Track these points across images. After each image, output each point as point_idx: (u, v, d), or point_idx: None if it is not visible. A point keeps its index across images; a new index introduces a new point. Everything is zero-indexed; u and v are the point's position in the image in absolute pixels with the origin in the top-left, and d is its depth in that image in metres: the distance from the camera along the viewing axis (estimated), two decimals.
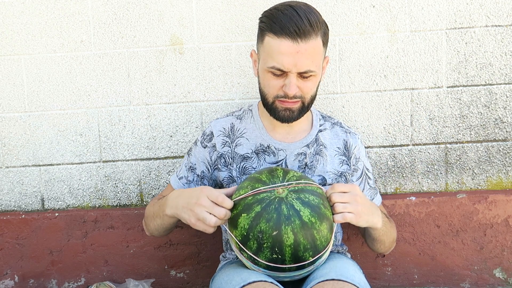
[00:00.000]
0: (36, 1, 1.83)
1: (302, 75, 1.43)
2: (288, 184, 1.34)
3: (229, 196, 1.36)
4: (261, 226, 1.29)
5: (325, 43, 1.46)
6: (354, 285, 1.32)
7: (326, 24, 1.47)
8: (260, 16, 1.48)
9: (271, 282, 1.32)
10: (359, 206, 1.36)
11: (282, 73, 1.43)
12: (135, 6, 1.83)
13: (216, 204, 1.31)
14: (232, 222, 1.34)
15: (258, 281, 1.31)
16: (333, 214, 1.35)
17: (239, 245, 1.34)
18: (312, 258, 1.32)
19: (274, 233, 1.28)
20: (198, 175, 1.62)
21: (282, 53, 1.40)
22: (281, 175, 1.38)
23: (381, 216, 1.50)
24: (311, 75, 1.44)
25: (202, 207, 1.31)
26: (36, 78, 1.87)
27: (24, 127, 1.89)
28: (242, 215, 1.31)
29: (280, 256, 1.29)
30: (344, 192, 1.36)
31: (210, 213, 1.31)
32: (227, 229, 1.37)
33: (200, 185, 1.62)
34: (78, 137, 1.89)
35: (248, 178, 1.41)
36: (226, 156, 1.58)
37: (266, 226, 1.28)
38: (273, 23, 1.41)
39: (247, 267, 1.40)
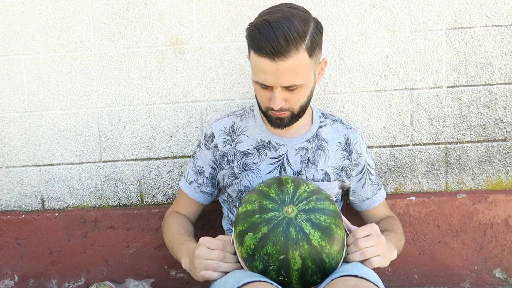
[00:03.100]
0: (36, 1, 1.83)
1: (287, 88, 1.41)
2: (298, 202, 1.29)
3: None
4: (268, 248, 1.25)
5: (313, 52, 1.40)
6: (377, 286, 1.28)
7: (317, 27, 1.41)
8: (246, 28, 1.44)
9: (265, 281, 1.29)
10: (384, 247, 1.36)
11: (267, 87, 1.42)
12: (135, 6, 1.83)
13: (213, 249, 1.33)
14: (238, 238, 1.30)
15: (252, 282, 1.27)
16: (363, 260, 1.34)
17: (245, 262, 1.31)
18: (321, 280, 1.28)
19: (281, 257, 1.24)
20: (207, 177, 1.64)
21: (263, 71, 1.38)
22: (291, 190, 1.32)
23: (394, 245, 1.50)
24: (297, 87, 1.41)
25: (199, 257, 1.33)
26: (36, 78, 1.87)
27: (24, 127, 1.89)
28: (248, 233, 1.27)
29: (286, 279, 1.26)
30: (367, 235, 1.35)
31: (210, 259, 1.32)
32: (234, 243, 1.34)
33: (211, 186, 1.65)
34: (78, 137, 1.89)
35: (256, 190, 1.36)
36: (228, 154, 1.59)
37: (273, 249, 1.24)
38: (252, 41, 1.38)
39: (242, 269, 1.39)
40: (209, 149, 1.62)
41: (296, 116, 1.49)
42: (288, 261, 1.24)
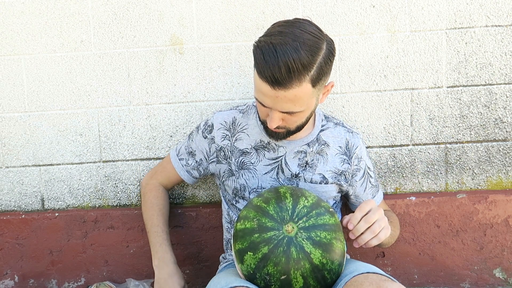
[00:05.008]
0: (36, 1, 1.83)
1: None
2: (298, 220, 1.27)
3: None
4: (269, 269, 1.24)
5: (319, 81, 1.34)
6: (388, 277, 1.29)
7: (328, 55, 1.34)
8: (255, 41, 1.38)
9: None
10: (385, 218, 1.35)
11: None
12: (135, 6, 1.83)
13: None
14: (238, 255, 1.29)
15: (240, 286, 1.27)
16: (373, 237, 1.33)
17: (245, 278, 1.31)
18: None
19: (283, 277, 1.23)
20: (196, 161, 1.67)
21: (263, 93, 1.34)
22: (290, 206, 1.29)
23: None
24: (295, 112, 1.38)
25: None
26: (36, 78, 1.87)
27: (24, 127, 1.89)
28: (249, 253, 1.26)
29: None
30: (369, 210, 1.34)
31: None
32: (234, 259, 1.34)
33: (196, 171, 1.68)
34: (78, 137, 1.89)
35: (254, 206, 1.34)
36: (226, 149, 1.59)
37: (274, 270, 1.24)
38: (255, 62, 1.32)
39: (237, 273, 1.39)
40: (205, 138, 1.63)
41: (292, 133, 1.47)
42: (289, 281, 1.24)
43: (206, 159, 1.64)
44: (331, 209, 1.34)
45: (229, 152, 1.59)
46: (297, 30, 1.31)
